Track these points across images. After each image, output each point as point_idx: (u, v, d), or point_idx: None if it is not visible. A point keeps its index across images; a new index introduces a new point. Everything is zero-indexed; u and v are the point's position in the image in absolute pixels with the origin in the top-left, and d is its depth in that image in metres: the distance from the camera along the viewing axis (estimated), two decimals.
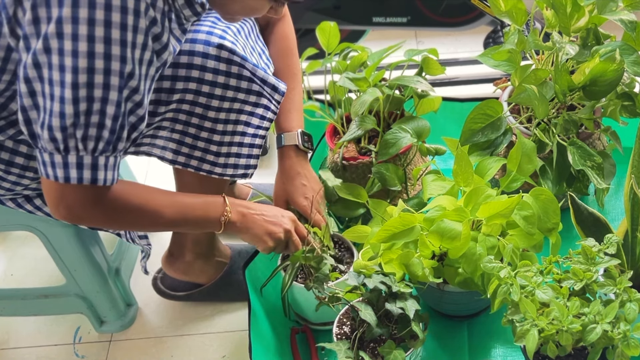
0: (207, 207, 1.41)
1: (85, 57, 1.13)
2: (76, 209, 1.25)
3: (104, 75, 1.15)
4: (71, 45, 1.12)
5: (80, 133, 1.17)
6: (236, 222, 1.43)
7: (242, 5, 1.28)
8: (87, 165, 1.20)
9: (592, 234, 1.44)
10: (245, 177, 1.52)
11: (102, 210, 1.27)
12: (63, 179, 1.20)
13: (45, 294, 1.71)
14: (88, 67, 1.13)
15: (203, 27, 1.42)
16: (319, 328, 1.63)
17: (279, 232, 1.47)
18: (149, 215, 1.34)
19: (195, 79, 1.40)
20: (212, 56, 1.40)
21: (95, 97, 1.15)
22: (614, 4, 1.58)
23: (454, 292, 1.51)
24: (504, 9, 1.59)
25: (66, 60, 1.13)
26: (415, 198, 1.67)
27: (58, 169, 1.20)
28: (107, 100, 1.16)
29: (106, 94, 1.16)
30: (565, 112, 1.61)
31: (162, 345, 1.73)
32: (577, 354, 1.34)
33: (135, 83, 1.19)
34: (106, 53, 1.14)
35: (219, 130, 1.46)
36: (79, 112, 1.15)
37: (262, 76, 1.46)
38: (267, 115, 1.49)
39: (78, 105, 1.15)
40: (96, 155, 1.20)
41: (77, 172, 1.20)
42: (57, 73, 1.14)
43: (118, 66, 1.15)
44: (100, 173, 1.22)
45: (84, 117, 1.16)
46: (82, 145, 1.18)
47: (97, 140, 1.19)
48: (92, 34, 1.12)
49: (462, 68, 2.29)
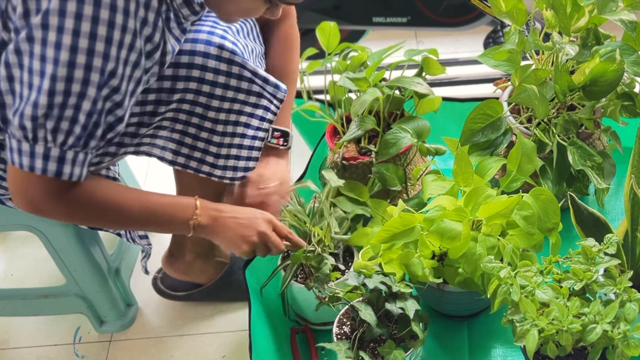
0: (176, 209, 1.38)
1: (68, 50, 1.12)
2: (37, 200, 1.24)
3: (85, 70, 1.14)
4: (55, 37, 1.11)
5: (51, 124, 1.16)
6: (206, 226, 1.40)
7: (237, 7, 1.28)
8: (54, 158, 1.19)
9: (592, 234, 1.44)
10: (244, 179, 1.52)
11: (65, 205, 1.26)
12: (28, 167, 1.19)
13: (45, 294, 1.71)
14: (69, 60, 1.13)
15: (204, 27, 1.42)
16: (319, 328, 1.63)
17: (251, 235, 1.43)
18: (113, 213, 1.32)
19: (196, 79, 1.40)
20: (213, 56, 1.40)
21: (73, 91, 1.15)
22: (614, 4, 1.58)
23: (454, 292, 1.51)
24: (504, 10, 1.59)
25: (48, 51, 1.12)
26: (415, 198, 1.67)
27: (24, 157, 1.19)
28: (84, 95, 1.16)
29: (84, 89, 1.15)
30: (565, 112, 1.61)
31: (162, 345, 1.73)
32: (577, 354, 1.34)
33: (116, 82, 1.19)
34: (90, 49, 1.13)
35: (219, 131, 1.46)
36: (53, 104, 1.15)
37: (264, 76, 1.46)
38: (266, 116, 1.49)
39: (54, 97, 1.14)
40: (64, 149, 1.20)
41: (43, 162, 1.19)
42: (38, 62, 1.13)
43: (100, 63, 1.15)
44: (67, 167, 1.21)
45: (57, 109, 1.15)
46: (51, 137, 1.18)
47: (67, 134, 1.18)
48: (77, 28, 1.11)
49: (462, 68, 2.29)
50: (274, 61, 1.60)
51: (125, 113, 1.24)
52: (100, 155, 1.39)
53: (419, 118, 1.73)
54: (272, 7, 1.30)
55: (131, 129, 1.38)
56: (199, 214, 1.38)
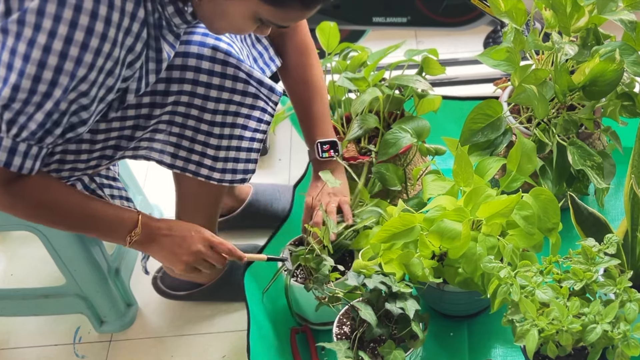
0: (116, 222, 1.38)
1: (41, 49, 1.11)
2: None
3: (54, 72, 1.13)
4: (30, 33, 1.11)
5: (8, 116, 1.16)
6: (143, 242, 1.40)
7: (228, 24, 1.27)
8: (5, 148, 1.19)
9: (592, 234, 1.44)
10: (243, 182, 1.52)
11: (7, 195, 1.26)
12: None
13: (45, 294, 1.71)
14: (40, 60, 1.12)
15: (198, 29, 1.41)
16: (319, 328, 1.63)
17: (183, 254, 1.42)
18: (52, 212, 1.33)
19: (190, 81, 1.39)
20: (207, 57, 1.39)
21: (38, 91, 1.14)
22: (614, 4, 1.58)
23: (454, 292, 1.51)
24: (503, 9, 1.59)
25: (20, 45, 1.11)
26: (415, 198, 1.67)
27: None
28: (49, 95, 1.15)
29: (50, 90, 1.15)
30: (565, 112, 1.61)
31: (162, 345, 1.73)
32: (577, 354, 1.34)
33: (85, 87, 1.18)
34: (63, 52, 1.12)
35: (216, 133, 1.45)
36: (15, 98, 1.14)
37: (258, 77, 1.45)
38: (263, 117, 1.48)
39: (17, 92, 1.14)
40: (17, 141, 1.19)
41: None
42: (7, 54, 1.12)
43: (72, 67, 1.14)
44: (17, 159, 1.21)
45: (18, 104, 1.15)
46: (5, 127, 1.17)
47: (21, 127, 1.18)
48: (54, 29, 1.11)
49: (462, 68, 2.29)
50: (294, 71, 1.60)
51: (90, 117, 1.23)
52: (98, 159, 1.39)
53: (419, 118, 1.73)
54: (262, 26, 1.29)
55: (127, 132, 1.38)
56: (137, 232, 1.38)
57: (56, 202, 1.32)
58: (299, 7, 1.20)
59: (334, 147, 1.60)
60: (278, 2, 1.19)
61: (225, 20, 1.25)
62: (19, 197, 1.27)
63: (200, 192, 1.55)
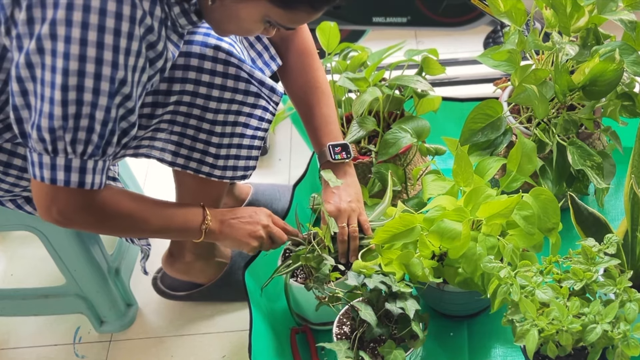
0: (187, 216, 1.43)
1: (77, 59, 1.13)
2: (64, 212, 1.25)
3: (94, 79, 1.15)
4: (63, 47, 1.12)
5: (69, 136, 1.17)
6: (215, 229, 1.45)
7: (237, 26, 1.28)
8: (75, 169, 1.21)
9: (592, 234, 1.44)
10: (244, 179, 1.52)
11: (92, 215, 1.28)
12: (49, 180, 1.20)
13: (45, 294, 1.71)
14: (79, 70, 1.13)
15: (200, 30, 1.42)
16: (319, 328, 1.63)
17: (257, 230, 1.48)
18: (135, 223, 1.35)
19: (192, 80, 1.40)
20: (210, 57, 1.39)
21: (85, 100, 1.15)
22: (614, 4, 1.58)
23: (454, 292, 1.51)
24: (503, 10, 1.59)
25: (58, 61, 1.13)
26: (415, 198, 1.67)
27: (45, 170, 1.20)
28: (96, 105, 1.16)
29: (95, 99, 1.16)
30: (565, 112, 1.61)
31: (162, 345, 1.73)
32: (577, 354, 1.34)
33: (127, 90, 1.19)
34: (98, 57, 1.13)
35: (217, 132, 1.46)
36: (67, 115, 1.16)
37: (260, 77, 1.46)
38: (265, 116, 1.49)
39: (67, 107, 1.15)
40: (85, 159, 1.21)
41: (65, 174, 1.20)
42: (49, 74, 1.14)
43: (109, 71, 1.15)
44: (88, 177, 1.22)
45: (72, 120, 1.16)
46: (70, 149, 1.19)
47: (85, 143, 1.19)
48: (84, 37, 1.12)
49: (462, 68, 2.29)
50: (298, 75, 1.60)
51: (136, 118, 1.25)
52: None
53: (419, 118, 1.73)
54: (268, 27, 1.30)
55: None
56: (209, 219, 1.43)
57: (135, 212, 1.34)
58: (308, 9, 1.22)
59: (346, 150, 1.60)
60: (288, 5, 1.20)
61: (235, 23, 1.27)
62: (101, 215, 1.29)
63: (201, 192, 1.55)
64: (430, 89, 1.75)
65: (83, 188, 1.22)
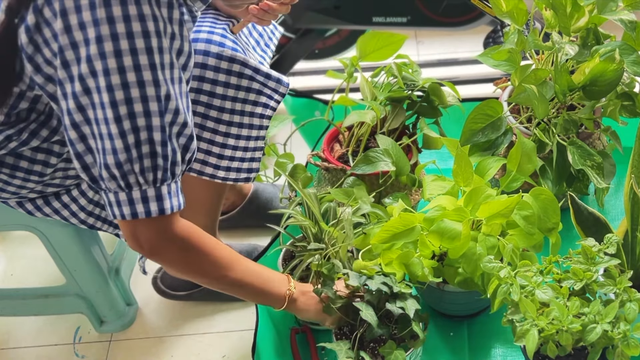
0: (271, 279, 1.40)
1: (120, 89, 1.12)
2: (152, 243, 1.24)
3: (142, 102, 1.14)
4: (104, 80, 1.12)
5: (137, 167, 1.17)
6: (297, 299, 1.44)
7: None
8: (152, 198, 1.20)
9: (592, 234, 1.44)
10: (247, 181, 1.52)
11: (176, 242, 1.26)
12: (131, 215, 1.20)
13: (45, 294, 1.71)
14: (125, 98, 1.13)
15: (204, 27, 1.42)
16: (319, 328, 1.63)
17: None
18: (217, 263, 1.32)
19: (196, 77, 1.40)
20: (214, 54, 1.40)
21: (140, 126, 1.15)
22: (614, 4, 1.58)
23: (454, 292, 1.51)
24: (505, 9, 1.59)
25: (104, 96, 1.13)
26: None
27: (125, 207, 1.20)
28: (151, 127, 1.16)
29: (149, 122, 1.16)
30: (565, 112, 1.61)
31: (162, 345, 1.73)
32: (577, 354, 1.34)
33: (174, 104, 1.18)
34: (139, 80, 1.13)
35: (222, 131, 1.46)
36: (129, 145, 1.15)
37: (266, 71, 1.46)
38: (266, 113, 1.49)
39: (126, 138, 1.15)
40: (158, 186, 1.20)
41: (144, 206, 1.20)
42: (100, 111, 1.14)
43: (153, 91, 1.15)
44: (166, 202, 1.21)
45: (135, 149, 1.16)
46: (142, 179, 1.18)
47: (154, 170, 1.18)
48: (121, 65, 1.12)
49: (462, 68, 2.29)
50: None
51: (192, 130, 1.24)
52: None
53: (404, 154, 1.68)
54: None
55: None
56: (293, 286, 1.42)
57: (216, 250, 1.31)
58: None
59: None
60: None
61: None
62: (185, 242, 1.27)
63: (202, 191, 1.55)
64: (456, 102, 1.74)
65: (164, 215, 1.22)
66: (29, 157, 1.35)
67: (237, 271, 1.35)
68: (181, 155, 1.23)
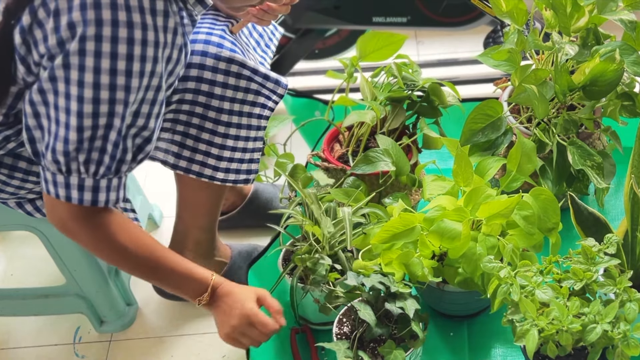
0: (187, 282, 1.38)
1: (91, 87, 1.14)
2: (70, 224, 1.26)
3: (109, 104, 1.16)
4: (77, 75, 1.13)
5: (82, 157, 1.19)
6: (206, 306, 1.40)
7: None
8: (88, 187, 1.22)
9: (592, 234, 1.44)
10: (246, 183, 1.52)
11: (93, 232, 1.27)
12: (64, 197, 1.22)
13: (45, 294, 1.71)
14: (93, 97, 1.15)
15: (202, 29, 1.43)
16: (319, 328, 1.63)
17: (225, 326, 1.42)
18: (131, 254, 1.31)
19: (194, 78, 1.40)
20: (211, 54, 1.40)
21: (100, 125, 1.17)
22: (614, 4, 1.58)
23: (454, 292, 1.51)
24: (505, 9, 1.59)
25: (72, 89, 1.14)
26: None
27: (60, 188, 1.22)
28: (110, 126, 1.18)
29: (110, 121, 1.18)
30: (565, 112, 1.61)
31: (162, 345, 1.73)
32: (577, 354, 1.34)
33: (135, 107, 1.20)
34: (111, 84, 1.15)
35: (220, 132, 1.46)
36: (82, 139, 1.17)
37: (264, 72, 1.46)
38: (263, 113, 1.49)
39: (82, 132, 1.17)
40: (97, 179, 1.22)
41: (79, 193, 1.22)
42: (63, 100, 1.15)
43: (123, 95, 1.16)
44: (102, 195, 1.23)
45: (87, 142, 1.18)
46: (83, 169, 1.20)
47: (98, 164, 1.20)
48: (98, 65, 1.13)
49: (462, 68, 2.29)
50: None
51: (152, 134, 1.25)
52: None
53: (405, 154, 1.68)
54: None
55: None
56: (205, 297, 1.39)
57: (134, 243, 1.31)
58: None
59: None
60: None
61: None
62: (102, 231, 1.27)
63: (202, 192, 1.55)
64: (456, 101, 1.74)
65: (96, 206, 1.24)
66: (27, 158, 1.35)
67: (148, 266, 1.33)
68: (133, 155, 1.24)
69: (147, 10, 1.14)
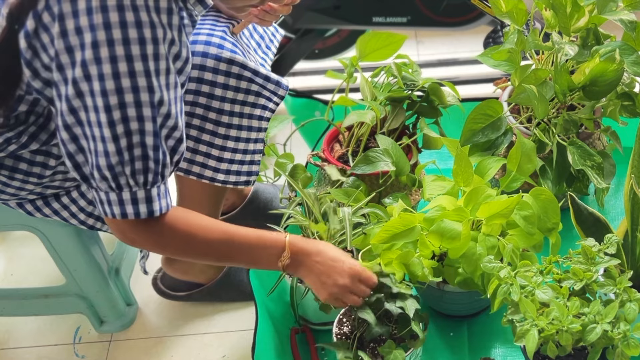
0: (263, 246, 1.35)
1: (115, 94, 1.13)
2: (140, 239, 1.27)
3: (136, 107, 1.15)
4: (99, 85, 1.13)
5: (128, 169, 1.18)
6: (291, 267, 1.36)
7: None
8: (142, 200, 1.22)
9: (592, 234, 1.44)
10: (247, 184, 1.52)
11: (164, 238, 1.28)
12: (120, 215, 1.22)
13: (45, 294, 1.71)
14: (119, 102, 1.14)
15: (203, 29, 1.42)
16: (319, 328, 1.63)
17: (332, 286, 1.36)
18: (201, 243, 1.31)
19: (194, 79, 1.40)
20: (212, 55, 1.40)
21: (132, 130, 1.16)
22: (614, 4, 1.58)
23: (454, 292, 1.51)
24: (504, 10, 1.59)
25: (97, 100, 1.14)
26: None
27: (114, 207, 1.22)
28: (144, 131, 1.17)
29: (142, 126, 1.17)
30: (565, 112, 1.61)
31: (162, 345, 1.73)
32: (577, 354, 1.34)
33: (166, 109, 1.19)
34: (133, 86, 1.14)
35: (221, 133, 1.46)
36: (121, 149, 1.17)
37: (265, 74, 1.46)
38: (264, 114, 1.49)
39: (119, 141, 1.16)
40: (148, 188, 1.22)
41: (133, 207, 1.22)
42: (93, 114, 1.15)
43: (147, 97, 1.16)
44: (155, 204, 1.23)
45: (127, 152, 1.17)
46: (133, 181, 1.20)
47: (145, 172, 1.20)
48: (116, 70, 1.13)
49: (462, 68, 2.29)
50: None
51: (182, 133, 1.25)
52: None
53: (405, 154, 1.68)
54: None
55: None
56: (286, 256, 1.35)
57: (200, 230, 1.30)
58: None
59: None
60: None
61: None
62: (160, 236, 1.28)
63: (202, 192, 1.55)
64: (456, 101, 1.73)
65: (152, 217, 1.24)
66: (27, 159, 1.35)
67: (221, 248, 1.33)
68: (170, 158, 1.24)
69: (152, 8, 1.14)
